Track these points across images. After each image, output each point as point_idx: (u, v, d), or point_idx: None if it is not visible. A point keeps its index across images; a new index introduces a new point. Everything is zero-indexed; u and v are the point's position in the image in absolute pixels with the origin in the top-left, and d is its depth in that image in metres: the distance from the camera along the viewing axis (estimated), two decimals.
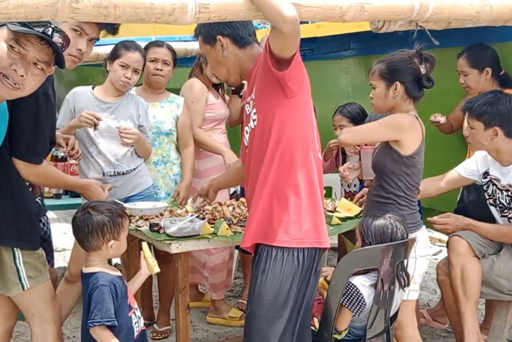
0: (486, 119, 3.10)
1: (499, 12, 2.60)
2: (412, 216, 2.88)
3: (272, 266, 2.28)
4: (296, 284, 2.29)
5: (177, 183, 3.86)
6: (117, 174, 3.53)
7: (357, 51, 4.51)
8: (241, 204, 3.37)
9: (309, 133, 2.36)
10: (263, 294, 2.28)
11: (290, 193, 2.30)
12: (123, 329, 2.41)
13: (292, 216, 2.30)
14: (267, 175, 2.32)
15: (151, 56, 3.78)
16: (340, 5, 2.25)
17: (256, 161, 2.37)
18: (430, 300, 4.51)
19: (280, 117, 2.29)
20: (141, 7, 1.90)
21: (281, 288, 2.27)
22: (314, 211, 2.33)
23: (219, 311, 4.11)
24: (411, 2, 2.40)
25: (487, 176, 3.30)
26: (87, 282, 2.43)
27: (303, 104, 2.34)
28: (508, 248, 3.27)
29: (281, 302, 2.28)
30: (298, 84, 2.27)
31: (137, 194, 3.62)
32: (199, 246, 2.93)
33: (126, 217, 2.53)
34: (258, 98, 2.36)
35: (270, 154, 2.31)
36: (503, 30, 3.04)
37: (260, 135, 2.35)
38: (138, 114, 3.61)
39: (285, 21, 2.05)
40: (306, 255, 2.30)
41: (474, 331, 3.18)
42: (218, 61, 2.48)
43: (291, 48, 2.16)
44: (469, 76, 3.60)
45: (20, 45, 2.15)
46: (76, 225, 2.47)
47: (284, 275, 2.28)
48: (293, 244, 2.29)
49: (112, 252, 2.47)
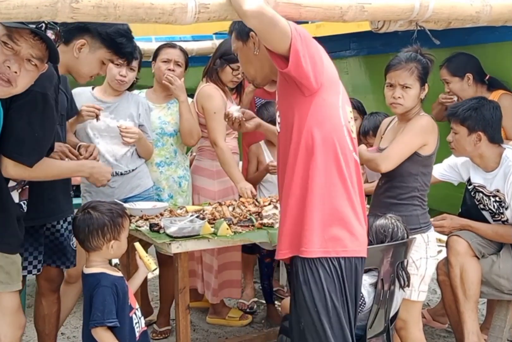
0: (470, 124, 3.11)
1: (499, 12, 2.60)
2: (424, 216, 2.93)
3: (311, 277, 2.14)
4: (339, 292, 2.15)
5: (181, 185, 3.80)
6: (115, 174, 3.47)
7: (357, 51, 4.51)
8: (241, 204, 3.37)
9: (335, 133, 2.18)
10: (312, 306, 2.15)
11: (319, 198, 2.14)
12: (125, 330, 2.41)
13: (323, 224, 2.14)
14: (291, 181, 2.18)
15: (164, 56, 3.74)
16: (340, 5, 2.25)
17: (282, 168, 2.25)
18: (430, 300, 4.51)
19: (300, 117, 2.17)
20: (141, 7, 1.90)
21: (326, 298, 2.13)
22: (344, 219, 2.17)
23: (219, 312, 4.11)
24: (411, 2, 2.40)
25: (470, 183, 3.32)
26: (88, 283, 2.43)
27: (326, 102, 2.19)
28: (507, 248, 3.28)
29: (330, 310, 2.15)
30: (316, 80, 2.13)
31: (136, 195, 3.58)
32: (199, 246, 2.93)
33: (126, 217, 2.53)
34: (279, 100, 2.27)
35: (292, 158, 2.18)
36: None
37: (283, 139, 2.23)
38: (138, 113, 3.58)
39: (245, 16, 2.02)
40: (342, 263, 2.15)
41: (474, 331, 3.18)
42: (248, 59, 2.39)
43: (275, 42, 2.07)
44: (452, 85, 3.60)
45: (13, 41, 2.12)
46: (76, 225, 2.47)
47: (325, 284, 2.13)
48: (328, 254, 2.14)
49: (112, 252, 2.47)
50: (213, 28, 4.89)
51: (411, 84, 2.81)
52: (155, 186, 3.73)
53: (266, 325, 4.08)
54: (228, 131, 3.91)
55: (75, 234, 2.51)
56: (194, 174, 3.96)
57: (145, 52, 5.01)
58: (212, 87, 3.85)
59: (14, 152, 2.39)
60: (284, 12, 2.15)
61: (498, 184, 3.17)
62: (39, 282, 3.06)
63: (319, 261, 2.14)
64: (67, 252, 3.00)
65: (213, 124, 3.77)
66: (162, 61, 3.74)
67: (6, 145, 2.38)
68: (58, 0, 1.78)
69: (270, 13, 2.01)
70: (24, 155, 2.41)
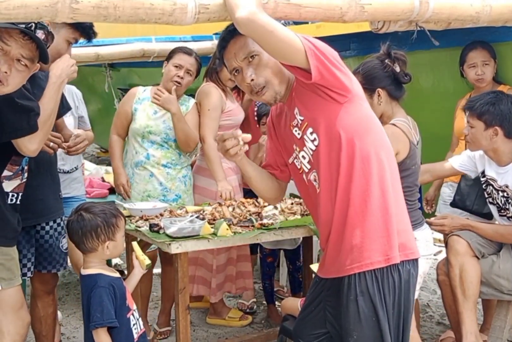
0: (487, 118, 3.10)
1: (499, 13, 2.60)
2: (411, 214, 2.89)
3: (367, 289, 2.07)
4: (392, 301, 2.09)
5: (186, 184, 3.80)
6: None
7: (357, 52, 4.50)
8: (241, 204, 3.37)
9: (381, 140, 2.14)
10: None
11: (376, 207, 2.07)
12: (122, 331, 2.40)
13: (381, 232, 2.08)
14: (347, 194, 2.07)
15: (176, 61, 3.65)
16: (340, 5, 2.25)
17: (330, 180, 2.10)
18: (430, 300, 4.51)
19: (344, 125, 2.05)
20: (141, 8, 1.90)
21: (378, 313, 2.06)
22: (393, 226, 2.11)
23: (218, 313, 4.11)
24: (411, 3, 2.40)
25: (484, 175, 3.31)
26: (86, 284, 2.42)
27: (362, 107, 2.11)
28: (508, 248, 3.27)
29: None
30: (348, 84, 2.05)
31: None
32: (199, 246, 2.93)
33: (120, 216, 2.49)
34: (309, 116, 2.11)
35: (346, 169, 2.06)
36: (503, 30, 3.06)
37: (327, 152, 2.09)
38: (76, 106, 3.54)
39: (237, 23, 1.95)
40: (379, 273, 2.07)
41: (472, 331, 3.17)
42: (264, 62, 2.13)
43: (279, 52, 1.98)
44: (489, 67, 3.57)
45: (3, 41, 2.11)
46: (70, 228, 2.45)
47: (382, 294, 2.07)
48: (377, 265, 2.07)
49: (108, 252, 2.45)
50: (213, 29, 4.89)
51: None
52: (162, 186, 3.73)
53: (266, 325, 4.08)
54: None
55: (69, 237, 2.50)
56: (196, 174, 3.96)
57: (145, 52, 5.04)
58: (211, 86, 3.87)
59: (18, 130, 2.36)
60: (284, 12, 2.15)
61: (508, 179, 3.17)
62: (34, 285, 3.06)
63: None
64: (56, 255, 3.01)
65: (206, 120, 3.80)
66: (174, 66, 3.66)
67: (6, 130, 2.34)
68: (58, 1, 1.78)
69: (262, 21, 1.91)
70: (25, 127, 2.37)
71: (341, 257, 2.10)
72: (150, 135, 3.70)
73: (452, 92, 3.91)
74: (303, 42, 1.97)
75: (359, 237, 2.06)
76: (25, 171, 2.67)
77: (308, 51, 1.96)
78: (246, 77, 2.10)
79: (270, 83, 2.12)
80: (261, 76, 2.10)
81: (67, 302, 4.47)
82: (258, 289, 4.55)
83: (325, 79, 2.00)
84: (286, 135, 2.25)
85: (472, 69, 3.59)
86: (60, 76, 2.56)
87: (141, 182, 3.73)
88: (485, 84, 3.58)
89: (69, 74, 2.60)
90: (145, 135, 3.71)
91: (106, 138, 3.98)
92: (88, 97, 6.45)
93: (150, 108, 3.75)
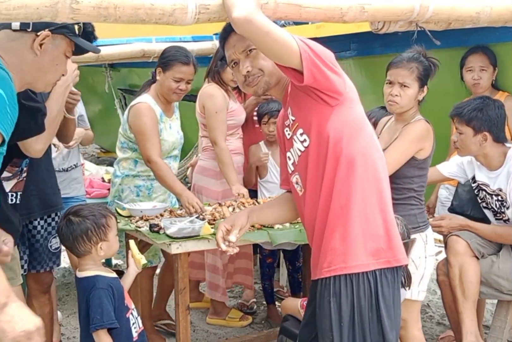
0: (476, 124, 3.11)
1: (499, 13, 2.60)
2: (422, 215, 2.95)
3: (340, 291, 2.06)
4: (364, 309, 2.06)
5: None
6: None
7: (357, 52, 4.51)
8: (241, 204, 3.37)
9: (370, 142, 2.12)
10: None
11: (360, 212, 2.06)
12: (122, 331, 2.40)
13: (360, 238, 2.06)
14: (329, 196, 2.07)
15: (177, 76, 3.45)
16: (340, 6, 2.24)
17: (315, 182, 2.11)
18: (430, 300, 4.51)
19: (332, 127, 2.05)
20: (141, 8, 1.90)
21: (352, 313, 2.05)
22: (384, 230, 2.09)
23: (218, 313, 4.11)
24: (411, 3, 2.40)
25: (475, 181, 3.32)
26: (83, 287, 2.41)
27: (353, 110, 2.10)
28: (507, 248, 3.28)
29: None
30: (341, 88, 2.05)
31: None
32: (199, 247, 2.93)
33: (110, 215, 2.46)
34: (301, 117, 2.12)
35: (330, 172, 2.06)
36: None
37: (316, 155, 2.09)
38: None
39: (233, 23, 1.95)
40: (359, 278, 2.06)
41: (472, 330, 3.18)
42: (261, 56, 2.14)
43: (274, 53, 1.98)
44: (486, 73, 3.60)
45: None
46: (61, 233, 2.44)
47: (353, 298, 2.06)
48: (356, 269, 2.05)
49: (103, 253, 2.43)
50: (213, 29, 4.89)
51: (410, 84, 2.83)
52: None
53: (266, 326, 4.08)
54: (231, 131, 3.92)
55: (61, 243, 2.49)
56: (198, 174, 3.97)
57: (145, 53, 5.04)
58: (214, 87, 3.86)
59: (27, 131, 2.34)
60: (284, 13, 2.15)
61: (501, 183, 3.18)
62: (29, 284, 3.06)
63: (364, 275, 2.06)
64: (45, 255, 3.00)
65: (214, 123, 3.78)
66: (174, 80, 3.45)
67: (15, 132, 2.27)
68: (59, 1, 1.78)
69: (258, 21, 1.91)
70: (33, 127, 2.37)
71: (321, 259, 2.11)
72: (173, 150, 3.66)
73: (452, 93, 3.91)
74: (299, 44, 1.98)
75: (338, 240, 2.06)
76: (24, 171, 2.68)
77: (303, 53, 1.97)
78: (242, 69, 2.15)
79: (265, 73, 2.14)
80: (257, 67, 2.14)
81: (67, 302, 4.47)
82: (258, 289, 4.55)
83: (318, 82, 2.01)
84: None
85: (469, 73, 3.62)
86: (66, 80, 2.59)
87: (159, 192, 3.65)
88: (481, 90, 3.60)
89: (73, 78, 2.69)
90: (170, 151, 3.65)
91: (106, 138, 4.01)
92: (88, 97, 6.48)
93: (166, 124, 3.63)
